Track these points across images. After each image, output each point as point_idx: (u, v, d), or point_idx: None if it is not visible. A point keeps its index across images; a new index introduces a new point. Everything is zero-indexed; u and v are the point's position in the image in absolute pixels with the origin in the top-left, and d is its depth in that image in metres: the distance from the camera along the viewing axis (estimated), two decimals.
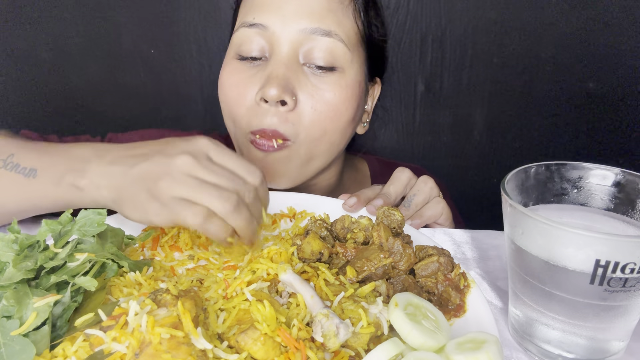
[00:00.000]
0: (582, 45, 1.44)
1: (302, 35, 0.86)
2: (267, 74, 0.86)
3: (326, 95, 0.88)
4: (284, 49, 0.87)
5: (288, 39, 0.86)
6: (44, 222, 0.59)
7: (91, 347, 0.46)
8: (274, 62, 0.87)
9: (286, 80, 0.85)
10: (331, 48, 0.87)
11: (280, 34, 0.86)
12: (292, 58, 0.87)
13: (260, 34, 0.88)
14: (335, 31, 0.87)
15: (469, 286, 0.63)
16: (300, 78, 0.87)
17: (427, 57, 1.50)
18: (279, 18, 0.86)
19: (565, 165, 0.62)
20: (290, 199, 0.87)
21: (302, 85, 0.87)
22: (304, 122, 0.88)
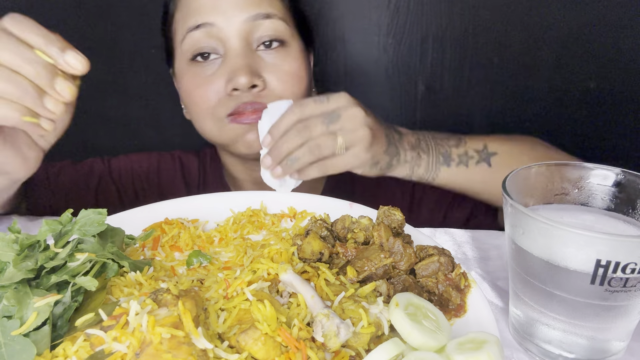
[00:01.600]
0: (582, 45, 1.44)
1: (246, 24, 0.93)
2: (229, 68, 0.93)
3: (284, 67, 0.97)
4: (235, 41, 0.93)
5: (235, 31, 0.93)
6: (45, 222, 0.59)
7: (92, 347, 0.46)
8: (232, 55, 0.93)
9: (249, 67, 0.92)
10: (274, 27, 0.95)
11: (227, 28, 0.93)
12: (245, 47, 0.94)
13: (208, 32, 0.93)
14: (272, 12, 0.95)
15: (470, 286, 0.63)
16: (258, 62, 0.95)
17: (427, 57, 1.50)
18: (220, 14, 0.92)
19: (566, 165, 0.62)
20: (290, 198, 0.87)
21: (262, 67, 0.95)
22: (277, 93, 0.96)
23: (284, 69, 0.96)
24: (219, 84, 0.94)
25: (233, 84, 0.91)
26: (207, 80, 0.94)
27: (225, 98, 0.94)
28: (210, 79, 0.94)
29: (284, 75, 0.96)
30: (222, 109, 0.95)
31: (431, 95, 1.55)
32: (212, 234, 0.76)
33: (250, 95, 0.93)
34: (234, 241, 0.75)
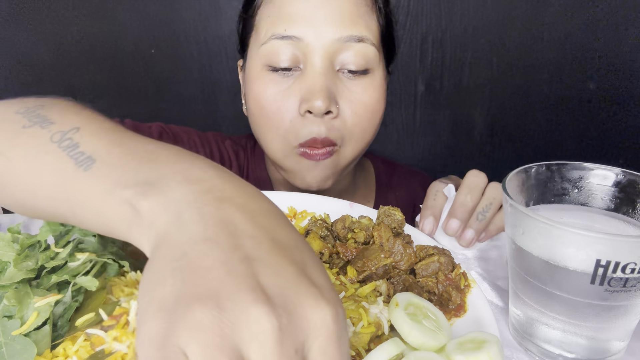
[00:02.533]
0: (582, 45, 1.44)
1: (336, 44, 0.86)
2: (307, 86, 0.86)
3: (363, 98, 0.90)
4: (319, 59, 0.86)
5: (322, 49, 0.86)
6: (45, 222, 0.59)
7: (92, 346, 0.46)
8: (312, 73, 0.87)
9: (328, 90, 0.86)
10: (364, 53, 0.88)
11: (314, 44, 0.86)
12: (328, 67, 0.87)
13: (293, 44, 0.86)
14: (367, 36, 0.88)
15: (470, 286, 0.64)
16: (338, 85, 0.88)
17: (427, 57, 1.50)
18: (310, 28, 0.85)
19: (566, 165, 0.62)
20: (290, 198, 0.87)
21: (340, 92, 0.89)
22: (348, 126, 0.90)
23: (362, 100, 0.89)
24: (293, 102, 0.87)
25: (308, 106, 0.84)
26: (282, 96, 0.88)
27: (298, 120, 0.88)
28: (285, 94, 0.88)
29: (360, 108, 0.89)
30: (294, 135, 0.89)
31: (431, 95, 1.55)
32: None
33: (322, 122, 0.87)
34: None
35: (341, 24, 0.86)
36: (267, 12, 0.90)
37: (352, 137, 0.92)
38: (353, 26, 0.87)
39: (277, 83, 0.89)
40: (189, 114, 1.59)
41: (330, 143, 0.89)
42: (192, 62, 1.52)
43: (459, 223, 0.78)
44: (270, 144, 0.93)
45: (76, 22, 1.45)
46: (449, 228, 0.78)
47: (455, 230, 0.78)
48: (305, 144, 0.88)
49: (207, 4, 1.45)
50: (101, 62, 1.50)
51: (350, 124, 0.90)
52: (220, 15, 1.46)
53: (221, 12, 1.46)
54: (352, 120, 0.90)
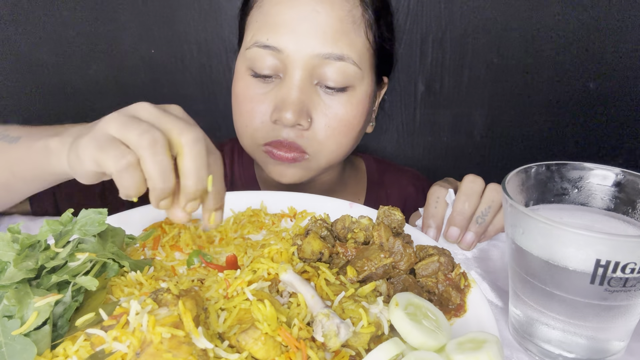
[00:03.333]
0: (582, 46, 1.44)
1: (315, 59, 0.87)
2: (282, 96, 0.88)
3: (339, 112, 0.91)
4: (298, 71, 0.88)
5: (302, 62, 0.87)
6: (45, 222, 0.59)
7: (92, 346, 0.46)
8: (288, 84, 0.88)
9: (301, 104, 0.88)
10: (343, 70, 0.89)
11: (294, 57, 0.87)
12: (306, 80, 0.88)
13: (274, 55, 0.88)
14: (348, 54, 0.88)
15: (470, 286, 0.64)
16: (313, 98, 0.90)
17: (427, 57, 1.50)
18: (292, 40, 0.87)
19: (566, 165, 0.62)
20: (290, 198, 0.87)
21: (315, 105, 0.90)
22: (319, 138, 0.92)
23: (337, 115, 0.91)
24: (266, 108, 0.90)
25: (278, 116, 0.87)
26: (258, 99, 0.91)
27: (268, 124, 0.91)
28: (261, 98, 0.91)
29: (335, 122, 0.91)
30: (261, 135, 0.92)
31: (431, 95, 1.55)
32: (212, 233, 0.77)
33: (291, 132, 0.90)
34: (234, 241, 0.75)
35: (322, 40, 0.86)
36: (256, 17, 0.92)
37: (326, 149, 0.93)
38: (334, 44, 0.87)
39: (255, 87, 0.92)
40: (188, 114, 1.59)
41: (297, 149, 0.91)
42: (192, 62, 1.52)
43: (459, 231, 0.79)
44: (241, 137, 0.98)
45: (76, 22, 1.45)
46: (449, 236, 0.79)
47: (455, 238, 0.79)
48: (270, 143, 0.92)
49: (207, 4, 1.45)
50: (101, 62, 1.50)
51: (322, 136, 0.91)
52: (220, 15, 1.46)
53: (221, 12, 1.46)
54: (325, 133, 0.91)
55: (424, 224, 0.82)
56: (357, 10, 0.90)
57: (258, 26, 0.91)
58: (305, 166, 0.95)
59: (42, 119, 1.57)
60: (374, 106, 1.06)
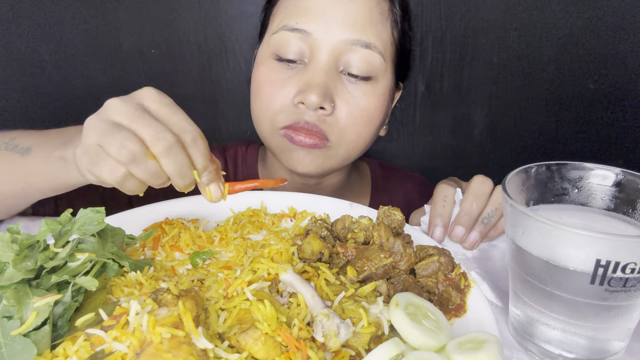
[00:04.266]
0: (582, 46, 1.44)
1: (343, 45, 0.88)
2: (306, 79, 0.88)
3: (361, 102, 0.91)
4: (324, 56, 0.88)
5: (329, 46, 0.88)
6: (44, 222, 0.59)
7: (92, 346, 0.46)
8: (314, 68, 0.88)
9: (326, 88, 0.87)
10: (369, 59, 0.89)
11: (322, 41, 0.88)
12: (332, 65, 0.89)
13: (302, 38, 0.88)
14: (375, 43, 0.89)
15: (470, 286, 0.64)
16: (337, 85, 0.90)
17: (427, 57, 1.50)
18: (321, 25, 0.87)
19: (566, 165, 0.62)
20: (290, 198, 0.87)
21: (339, 92, 0.90)
22: (340, 126, 0.91)
23: (359, 104, 0.91)
24: (289, 91, 0.89)
25: (302, 97, 0.87)
26: (281, 83, 0.90)
27: (289, 108, 0.90)
28: (284, 82, 0.90)
29: (357, 111, 0.91)
30: (282, 118, 0.91)
31: (431, 95, 1.55)
32: (212, 233, 0.76)
33: (313, 116, 0.89)
34: (234, 241, 0.75)
35: (351, 27, 0.87)
36: (285, 3, 0.93)
37: (346, 138, 0.93)
38: (362, 31, 0.88)
39: (279, 72, 0.91)
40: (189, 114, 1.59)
41: (319, 133, 0.90)
42: (192, 62, 1.52)
43: (464, 230, 0.79)
44: (259, 124, 0.97)
45: (76, 22, 1.45)
46: (454, 235, 0.79)
47: (460, 237, 0.79)
48: (290, 127, 0.90)
49: (207, 4, 1.45)
50: (101, 62, 1.50)
51: (343, 124, 0.91)
52: (220, 15, 1.46)
53: (221, 12, 1.46)
54: (346, 120, 0.91)
55: (431, 223, 0.82)
56: (385, 3, 0.91)
57: (287, 12, 0.91)
58: (324, 154, 0.93)
59: (42, 119, 1.57)
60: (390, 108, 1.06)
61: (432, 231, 0.81)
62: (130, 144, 0.54)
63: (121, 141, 0.54)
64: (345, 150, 0.95)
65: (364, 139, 0.95)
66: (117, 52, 1.51)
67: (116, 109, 0.57)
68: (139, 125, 0.56)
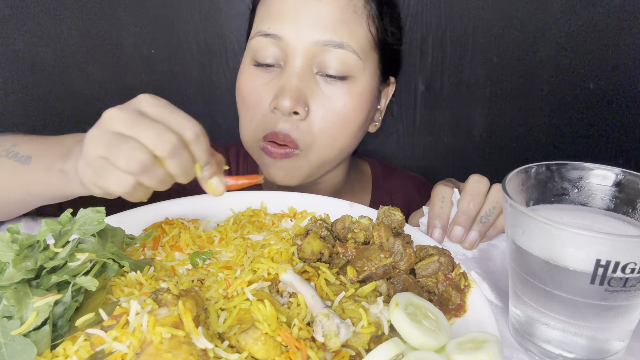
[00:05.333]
0: (582, 46, 1.44)
1: (315, 46, 0.88)
2: (281, 84, 0.88)
3: (337, 104, 0.91)
4: (298, 59, 0.88)
5: (302, 50, 0.88)
6: (44, 222, 0.59)
7: (92, 346, 0.46)
8: (288, 72, 0.89)
9: (299, 92, 0.87)
10: (343, 59, 0.89)
11: (294, 45, 0.88)
12: (306, 68, 0.89)
13: (275, 43, 0.89)
14: (348, 42, 0.88)
15: (470, 286, 0.64)
16: (312, 88, 0.90)
17: (427, 57, 1.49)
18: (293, 29, 0.87)
19: (566, 165, 0.62)
20: (290, 198, 0.87)
21: (314, 95, 0.90)
22: (314, 131, 0.91)
23: (335, 107, 0.90)
24: (267, 97, 0.90)
25: (276, 103, 0.87)
26: (260, 89, 0.91)
27: (268, 115, 0.91)
28: (263, 88, 0.91)
29: (331, 113, 0.90)
30: (261, 128, 0.92)
31: (431, 95, 1.55)
32: (212, 233, 0.76)
33: (287, 120, 0.89)
34: (234, 241, 0.75)
35: (322, 28, 0.87)
36: (261, 9, 0.94)
37: (319, 143, 0.92)
38: (333, 31, 0.87)
39: (258, 77, 0.92)
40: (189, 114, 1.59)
41: (290, 142, 0.90)
42: (192, 62, 1.52)
43: (463, 230, 0.79)
44: (244, 133, 0.97)
45: (76, 22, 1.45)
46: (453, 236, 0.79)
47: (459, 237, 0.79)
48: (267, 137, 0.91)
49: (207, 3, 1.45)
50: (101, 62, 1.50)
51: (317, 129, 0.91)
52: (220, 15, 1.46)
53: (221, 12, 1.46)
54: (320, 125, 0.90)
55: (430, 224, 0.82)
56: (358, 0, 0.90)
57: (261, 17, 0.92)
58: (294, 164, 0.93)
59: (42, 119, 1.57)
60: (379, 105, 1.06)
61: (431, 232, 0.81)
62: (138, 154, 0.54)
63: (129, 152, 0.54)
64: (318, 156, 0.94)
65: (339, 142, 0.94)
66: (117, 52, 1.50)
67: (115, 118, 0.57)
68: (140, 131, 0.55)
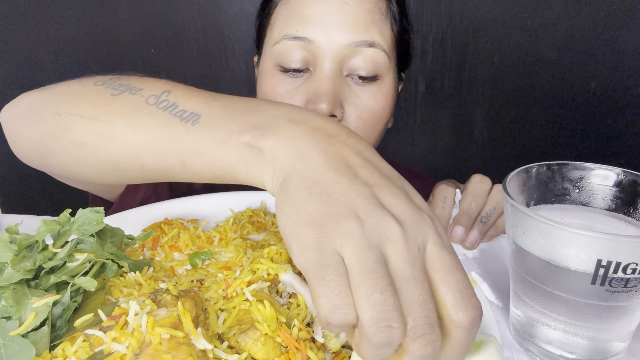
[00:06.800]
0: (583, 45, 1.44)
1: (346, 48, 0.87)
2: (314, 88, 0.87)
3: (369, 104, 0.91)
4: (329, 62, 0.87)
5: (333, 53, 0.87)
6: (43, 222, 0.59)
7: (91, 347, 0.46)
8: (320, 76, 0.87)
9: (334, 95, 0.87)
10: (374, 58, 0.88)
11: (325, 48, 0.87)
12: (337, 71, 0.88)
13: (304, 46, 0.87)
14: (378, 41, 0.88)
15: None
16: (345, 90, 0.89)
17: (427, 57, 1.50)
18: (322, 31, 0.86)
19: (567, 165, 0.62)
20: None
21: (347, 97, 0.89)
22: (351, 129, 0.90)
23: (368, 106, 0.90)
24: (298, 102, 0.89)
25: (312, 107, 0.85)
26: (289, 95, 0.90)
27: None
28: (292, 93, 0.89)
29: (365, 113, 0.90)
30: None
31: (431, 95, 1.55)
32: (212, 234, 0.76)
33: None
34: (233, 241, 0.75)
35: (353, 29, 0.86)
36: (283, 12, 0.92)
37: None
38: (365, 31, 0.87)
39: (286, 83, 0.90)
40: None
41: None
42: (192, 61, 1.52)
43: (464, 230, 0.79)
44: None
45: (76, 21, 1.45)
46: (454, 235, 0.79)
47: (460, 237, 0.79)
48: None
49: (207, 2, 1.45)
50: (101, 61, 1.50)
51: (353, 128, 0.91)
52: (220, 14, 1.46)
53: (221, 10, 1.46)
54: (355, 124, 0.91)
55: None
56: (383, 3, 0.91)
57: (286, 21, 0.90)
58: None
59: None
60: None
61: None
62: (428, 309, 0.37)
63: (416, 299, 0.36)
64: None
65: (372, 139, 0.95)
66: (117, 51, 1.51)
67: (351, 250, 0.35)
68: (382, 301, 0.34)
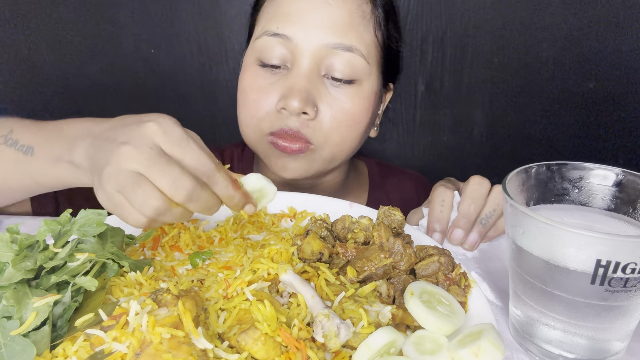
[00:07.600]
0: (582, 45, 1.44)
1: (323, 49, 0.88)
2: (289, 85, 0.89)
3: (345, 105, 0.91)
4: (306, 61, 0.88)
5: (310, 51, 0.88)
6: (44, 222, 0.59)
7: (92, 347, 0.46)
8: (296, 73, 0.89)
9: (307, 93, 0.88)
10: (351, 62, 0.89)
11: (303, 46, 0.88)
12: (314, 70, 0.89)
13: (283, 43, 0.89)
14: (356, 46, 0.89)
15: (470, 286, 0.63)
16: (320, 89, 0.90)
17: (427, 57, 1.50)
18: (302, 30, 0.87)
19: (566, 165, 0.62)
20: (290, 198, 0.87)
21: (322, 96, 0.90)
22: (325, 129, 0.91)
23: (344, 107, 0.91)
24: (273, 97, 0.90)
25: (284, 103, 0.87)
26: (265, 90, 0.91)
27: (274, 114, 0.90)
28: (268, 88, 0.91)
29: (341, 114, 0.91)
30: (267, 124, 0.92)
31: (431, 95, 1.55)
32: (212, 234, 0.76)
33: (297, 121, 0.89)
34: (234, 241, 0.75)
35: (332, 31, 0.87)
36: (267, 9, 0.93)
37: (330, 141, 0.93)
38: (343, 35, 0.88)
39: (263, 78, 0.92)
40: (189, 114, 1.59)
41: (302, 139, 0.90)
42: (192, 62, 1.52)
43: (463, 233, 0.79)
44: (246, 129, 0.97)
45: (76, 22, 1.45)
46: (454, 239, 0.79)
47: (459, 240, 0.79)
48: (275, 133, 0.91)
49: (207, 3, 1.45)
50: (101, 62, 1.50)
51: (327, 128, 0.91)
52: (220, 15, 1.46)
53: (221, 12, 1.46)
54: (330, 124, 0.91)
55: (429, 228, 0.82)
56: (366, 6, 0.91)
57: (269, 17, 0.92)
58: (309, 158, 0.93)
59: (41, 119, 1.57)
60: (379, 110, 1.06)
61: (430, 236, 0.81)
62: (152, 201, 0.54)
63: (144, 198, 0.53)
64: (330, 153, 0.94)
65: (349, 141, 0.95)
66: (117, 52, 1.50)
67: (131, 156, 0.54)
68: (156, 175, 0.54)
